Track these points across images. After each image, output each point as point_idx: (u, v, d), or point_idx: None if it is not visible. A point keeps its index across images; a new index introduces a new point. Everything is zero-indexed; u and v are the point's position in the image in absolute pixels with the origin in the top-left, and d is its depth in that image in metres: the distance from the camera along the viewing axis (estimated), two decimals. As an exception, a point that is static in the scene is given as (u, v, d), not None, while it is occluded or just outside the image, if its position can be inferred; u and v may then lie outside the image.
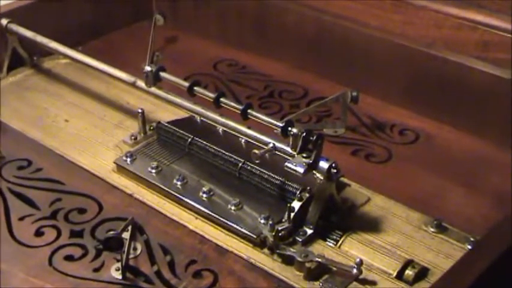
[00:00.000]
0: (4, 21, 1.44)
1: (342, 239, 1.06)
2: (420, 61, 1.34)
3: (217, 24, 1.64)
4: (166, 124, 1.24)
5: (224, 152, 1.16)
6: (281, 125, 1.06)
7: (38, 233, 1.09)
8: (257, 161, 1.06)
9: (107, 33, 1.66)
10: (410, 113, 1.36)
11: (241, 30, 1.60)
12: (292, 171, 1.02)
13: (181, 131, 1.21)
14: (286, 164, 1.02)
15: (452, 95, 1.32)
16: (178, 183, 1.14)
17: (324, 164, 1.03)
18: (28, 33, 1.43)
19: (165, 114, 1.33)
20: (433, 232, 1.08)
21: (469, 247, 1.04)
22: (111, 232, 0.99)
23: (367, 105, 1.36)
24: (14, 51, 1.48)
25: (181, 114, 1.29)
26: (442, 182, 1.20)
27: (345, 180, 1.15)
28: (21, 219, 1.11)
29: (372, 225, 1.09)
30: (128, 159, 1.20)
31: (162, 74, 1.21)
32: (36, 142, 1.28)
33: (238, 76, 1.50)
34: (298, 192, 1.08)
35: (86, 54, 1.38)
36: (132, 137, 1.26)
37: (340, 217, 1.09)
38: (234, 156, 1.15)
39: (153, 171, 1.17)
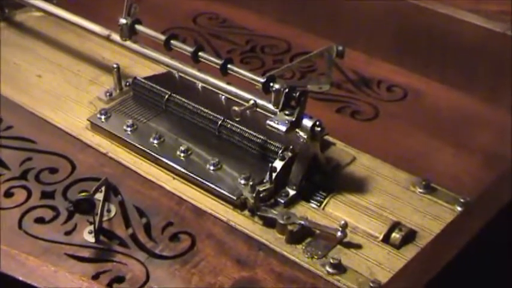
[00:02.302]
0: (-28, -29, 1.38)
1: (326, 201, 1.01)
2: (408, 14, 1.29)
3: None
4: (142, 80, 1.18)
5: (203, 109, 1.11)
6: (262, 80, 1.01)
7: (8, 194, 1.04)
8: (237, 119, 1.01)
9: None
10: (397, 68, 1.31)
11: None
12: (274, 129, 0.97)
13: (158, 87, 1.16)
14: (267, 122, 0.98)
15: (442, 49, 1.27)
16: (155, 141, 1.09)
17: (307, 122, 0.98)
18: (-2, -15, 1.37)
19: (142, 69, 1.27)
20: (421, 193, 1.04)
21: (459, 208, 1.00)
22: (82, 194, 0.94)
23: (353, 60, 1.30)
24: (-17, 4, 1.43)
25: (159, 70, 1.24)
26: (430, 140, 1.16)
27: (329, 138, 1.11)
28: (-11, 179, 1.07)
29: (357, 185, 1.04)
30: (103, 117, 1.14)
31: (138, 27, 1.16)
32: (6, 98, 1.22)
33: (218, 30, 1.45)
34: (280, 152, 1.03)
35: (60, 6, 1.32)
36: (107, 94, 1.21)
37: (324, 177, 1.04)
38: (213, 114, 1.10)
39: (129, 129, 1.12)
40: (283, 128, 0.96)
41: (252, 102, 1.02)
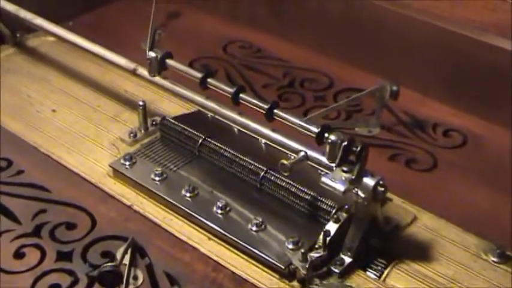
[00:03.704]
0: (-19, -7, 1.27)
1: (387, 270, 0.88)
2: (469, 50, 1.18)
3: (226, -2, 1.47)
4: (172, 120, 1.06)
5: (242, 156, 0.99)
6: (316, 130, 0.88)
7: (18, 255, 0.92)
8: (286, 174, 0.87)
9: (101, 6, 1.49)
10: (454, 110, 1.20)
11: (254, 5, 1.42)
12: (329, 188, 0.84)
13: (191, 129, 1.04)
14: (322, 179, 0.84)
15: (505, 90, 1.15)
16: (188, 194, 0.97)
17: (369, 181, 0.85)
18: (10, 7, 1.25)
19: (170, 105, 1.16)
20: (494, 262, 0.91)
21: (540, 282, 0.87)
22: (108, 264, 0.81)
23: (404, 99, 1.15)
24: (-7, 27, 1.31)
25: (189, 106, 1.11)
26: (495, 194, 1.04)
27: (385, 193, 0.98)
28: (-3, 235, 0.94)
29: (421, 251, 0.92)
30: (127, 163, 1.02)
31: (169, 62, 1.02)
32: (17, 137, 1.11)
33: (252, 61, 1.32)
34: (333, 212, 0.89)
35: (77, 30, 1.21)
36: (131, 134, 1.08)
37: (383, 241, 0.91)
38: (254, 163, 0.97)
39: (157, 178, 0.99)
40: (342, 188, 0.83)
41: (302, 154, 0.89)
